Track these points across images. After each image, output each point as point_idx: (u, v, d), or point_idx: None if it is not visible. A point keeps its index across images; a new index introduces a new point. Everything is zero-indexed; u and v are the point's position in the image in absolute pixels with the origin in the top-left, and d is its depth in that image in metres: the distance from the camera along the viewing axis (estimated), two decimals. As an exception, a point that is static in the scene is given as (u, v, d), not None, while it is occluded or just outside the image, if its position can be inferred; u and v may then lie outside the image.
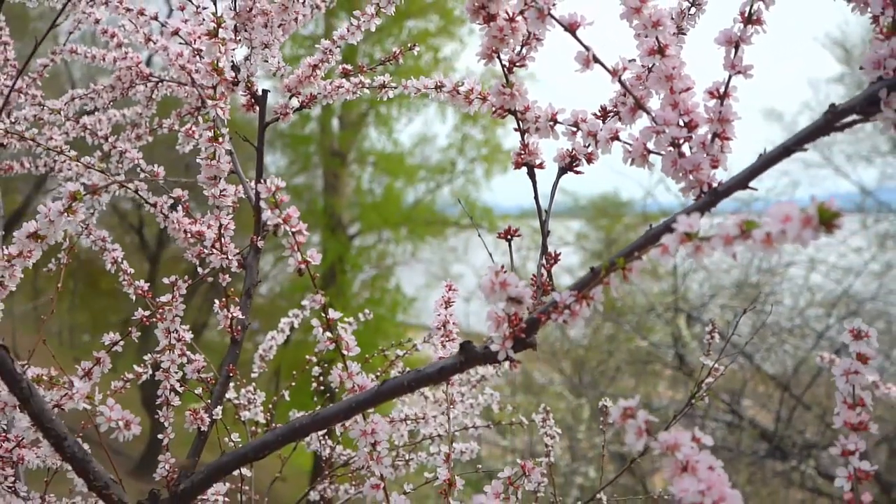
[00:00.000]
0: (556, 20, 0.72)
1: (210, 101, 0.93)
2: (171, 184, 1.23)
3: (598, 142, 0.78)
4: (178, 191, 1.23)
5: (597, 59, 0.72)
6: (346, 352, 0.81)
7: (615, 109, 0.79)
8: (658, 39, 0.72)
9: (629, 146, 0.75)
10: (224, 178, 1.02)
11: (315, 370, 1.61)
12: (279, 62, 1.12)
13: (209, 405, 1.11)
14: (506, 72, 0.81)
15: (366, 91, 1.19)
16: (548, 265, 0.81)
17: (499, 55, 0.80)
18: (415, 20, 10.57)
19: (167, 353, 1.12)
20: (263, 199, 0.75)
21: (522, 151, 0.83)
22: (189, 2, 1.18)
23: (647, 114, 0.73)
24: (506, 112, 0.83)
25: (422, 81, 1.06)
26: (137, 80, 1.39)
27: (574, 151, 0.83)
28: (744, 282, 7.22)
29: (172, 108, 1.59)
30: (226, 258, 1.09)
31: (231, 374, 1.16)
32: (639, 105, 0.73)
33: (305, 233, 0.76)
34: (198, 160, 0.99)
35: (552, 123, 0.81)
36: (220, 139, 0.95)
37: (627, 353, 7.39)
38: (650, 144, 0.73)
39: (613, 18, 0.77)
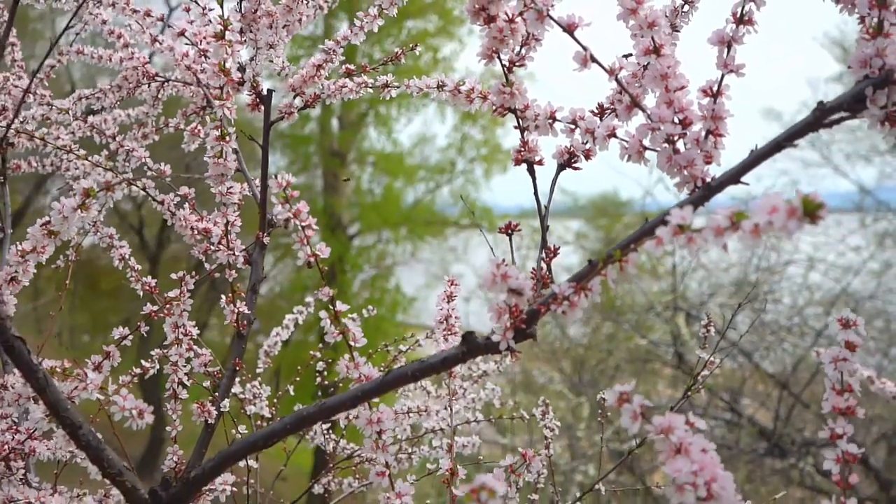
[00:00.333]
0: (555, 21, 0.75)
1: (217, 101, 0.96)
2: (178, 182, 1.26)
3: (596, 139, 0.80)
4: (185, 188, 1.25)
5: (594, 59, 0.74)
6: (354, 343, 0.83)
7: (612, 107, 0.82)
8: (653, 39, 0.74)
9: (626, 143, 0.77)
10: (230, 176, 1.04)
11: (319, 365, 1.63)
12: (284, 62, 1.15)
13: (216, 398, 1.13)
14: (506, 71, 0.83)
15: (369, 90, 1.22)
16: (547, 259, 0.83)
17: (499, 55, 0.83)
18: (414, 20, 10.60)
19: (175, 348, 1.14)
20: (274, 195, 0.78)
21: (522, 148, 0.85)
22: (195, 3, 1.21)
23: (643, 111, 0.75)
24: (506, 110, 0.85)
25: (424, 81, 1.08)
26: (144, 80, 1.42)
27: (572, 148, 0.85)
28: (743, 280, 7.24)
29: (176, 108, 1.61)
30: (232, 254, 1.12)
31: (237, 368, 1.19)
32: (635, 103, 0.75)
33: (315, 227, 0.78)
34: (205, 158, 1.02)
35: (551, 121, 0.83)
36: (227, 138, 0.98)
37: (627, 352, 7.42)
38: (646, 141, 0.75)
39: (611, 19, 0.80)
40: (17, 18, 1.60)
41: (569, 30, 0.75)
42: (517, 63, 0.83)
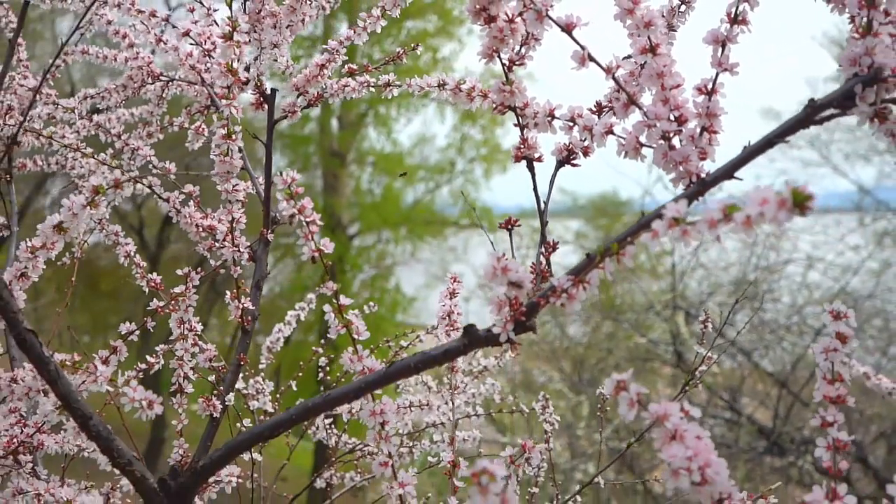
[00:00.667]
0: (554, 21, 0.77)
1: (224, 101, 0.98)
2: (183, 180, 1.28)
3: (594, 136, 0.82)
4: (189, 186, 1.27)
5: (591, 58, 0.76)
6: (357, 336, 0.85)
7: (609, 105, 0.84)
8: (650, 39, 0.76)
9: (623, 140, 0.79)
10: (236, 174, 1.06)
11: (321, 361, 1.65)
12: (288, 61, 1.17)
13: (221, 391, 1.15)
14: (506, 70, 0.85)
15: (371, 89, 1.24)
16: (546, 253, 0.85)
17: (499, 54, 0.85)
18: (413, 21, 10.62)
19: (181, 343, 1.16)
20: (279, 191, 0.80)
21: (522, 146, 0.87)
22: (200, 4, 1.23)
23: (640, 109, 0.77)
24: (506, 108, 0.87)
25: (425, 80, 1.10)
26: (148, 80, 1.44)
27: (571, 145, 0.87)
28: (742, 280, 7.26)
29: (178, 108, 1.63)
30: (237, 250, 1.13)
31: (242, 363, 1.21)
32: (631, 101, 0.77)
33: (319, 222, 0.80)
34: (211, 156, 1.04)
35: (550, 119, 0.85)
36: (233, 136, 0.99)
37: (626, 351, 7.44)
38: (643, 138, 0.77)
39: (609, 19, 0.82)
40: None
41: (567, 29, 0.76)
42: (517, 62, 0.85)
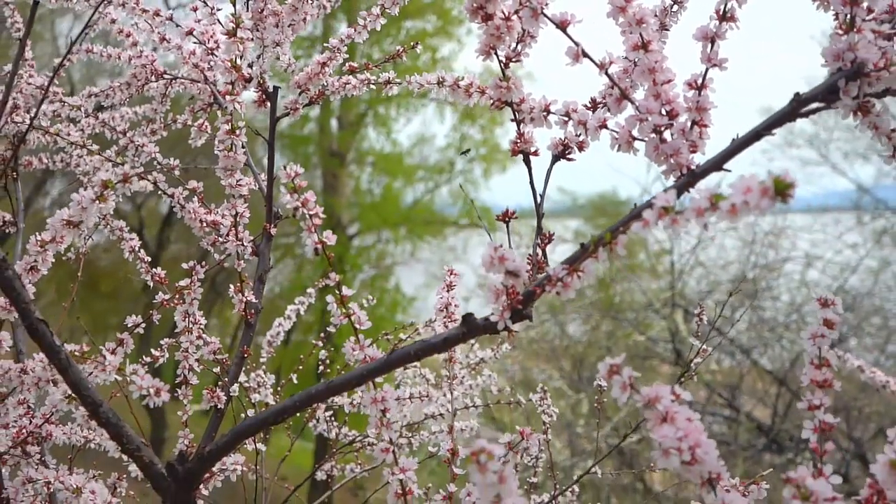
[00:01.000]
0: (549, 18, 0.79)
1: (228, 97, 1.00)
2: (186, 176, 1.30)
3: (588, 130, 0.85)
4: (193, 182, 1.30)
5: (585, 54, 0.79)
6: (359, 325, 0.88)
7: (604, 101, 0.86)
8: (641, 36, 0.78)
9: (616, 133, 0.82)
10: (240, 169, 1.09)
11: (322, 354, 1.68)
12: (290, 59, 1.19)
13: (226, 383, 1.18)
14: (502, 67, 0.88)
15: (371, 87, 1.26)
16: (542, 244, 0.87)
17: (496, 51, 0.87)
18: (412, 21, 10.64)
19: (185, 335, 1.19)
20: (283, 185, 0.82)
21: (518, 140, 0.90)
22: (203, 3, 1.25)
23: (632, 103, 0.80)
24: (503, 104, 0.89)
25: (424, 77, 1.13)
26: (152, 78, 1.46)
27: (566, 140, 0.90)
28: (741, 278, 7.29)
29: (179, 105, 1.66)
30: (241, 244, 1.16)
31: (245, 356, 1.23)
32: (624, 95, 0.80)
33: (322, 215, 0.83)
34: (216, 152, 1.06)
35: (545, 114, 0.88)
36: (237, 132, 1.02)
37: (626, 349, 7.46)
38: (635, 131, 0.80)
39: (604, 18, 0.84)
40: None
41: (561, 26, 0.79)
42: (513, 59, 0.87)
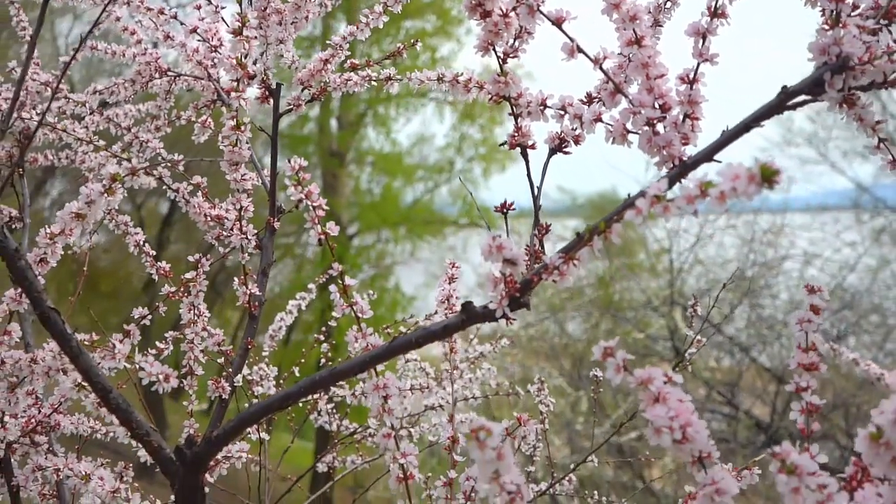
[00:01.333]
0: (545, 15, 0.82)
1: (233, 94, 1.03)
2: (191, 171, 1.33)
3: (584, 123, 0.87)
4: (197, 178, 1.32)
5: (580, 49, 0.81)
6: (361, 314, 0.90)
7: (598, 95, 0.89)
8: (635, 31, 0.81)
9: (611, 127, 0.84)
10: (244, 164, 1.11)
11: (323, 347, 1.71)
12: (294, 56, 1.21)
13: (230, 374, 1.20)
14: (500, 62, 0.90)
15: (373, 83, 1.29)
16: (539, 235, 0.90)
17: (494, 47, 0.89)
18: (412, 20, 10.67)
19: (191, 327, 1.21)
20: (287, 178, 0.85)
21: (516, 134, 0.92)
22: (208, 2, 1.27)
23: (626, 97, 0.82)
24: (501, 98, 0.92)
25: (424, 74, 1.15)
26: (156, 75, 1.48)
27: (563, 134, 0.92)
28: (739, 275, 7.31)
29: (178, 104, 1.68)
30: (245, 238, 1.18)
31: (249, 347, 1.25)
32: (618, 89, 0.82)
33: (325, 207, 0.85)
34: (220, 147, 1.09)
35: (542, 108, 0.90)
36: (242, 127, 1.04)
37: (625, 346, 7.48)
38: (629, 124, 0.82)
39: (599, 14, 0.87)
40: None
41: (557, 23, 0.81)
42: (510, 54, 0.90)
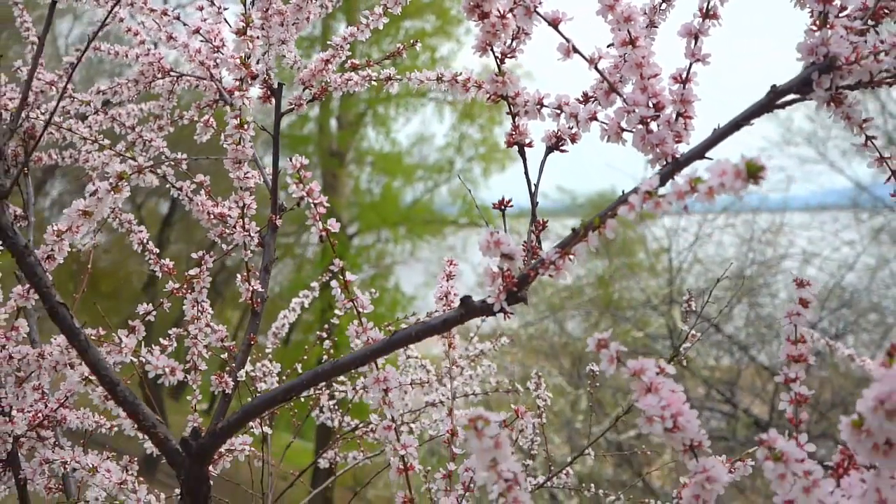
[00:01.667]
0: (541, 16, 0.84)
1: (237, 93, 1.05)
2: (195, 169, 1.35)
3: (579, 122, 0.89)
4: (201, 176, 1.34)
5: (576, 50, 0.83)
6: (362, 309, 0.92)
7: (594, 95, 0.91)
8: (629, 32, 0.83)
9: (605, 125, 0.86)
10: (247, 162, 1.13)
11: (326, 344, 1.73)
12: (296, 56, 1.23)
13: (233, 369, 1.22)
14: (498, 62, 0.92)
15: (373, 83, 1.31)
16: (536, 231, 0.92)
17: (492, 48, 0.91)
18: (411, 20, 10.69)
19: (195, 323, 1.23)
20: (289, 176, 0.87)
21: (513, 132, 0.94)
22: (211, 2, 1.29)
23: (620, 96, 0.84)
24: (499, 98, 0.94)
25: (424, 74, 1.17)
26: (159, 75, 1.50)
27: (559, 132, 0.94)
28: (739, 274, 7.34)
29: (181, 102, 1.70)
30: (248, 235, 1.20)
31: (252, 343, 1.27)
32: (612, 88, 0.84)
33: (326, 204, 0.87)
34: (224, 145, 1.11)
35: (539, 107, 0.92)
36: (246, 126, 1.06)
37: (624, 345, 7.51)
38: (623, 123, 0.84)
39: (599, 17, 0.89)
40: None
41: (553, 24, 0.83)
42: (508, 55, 0.92)
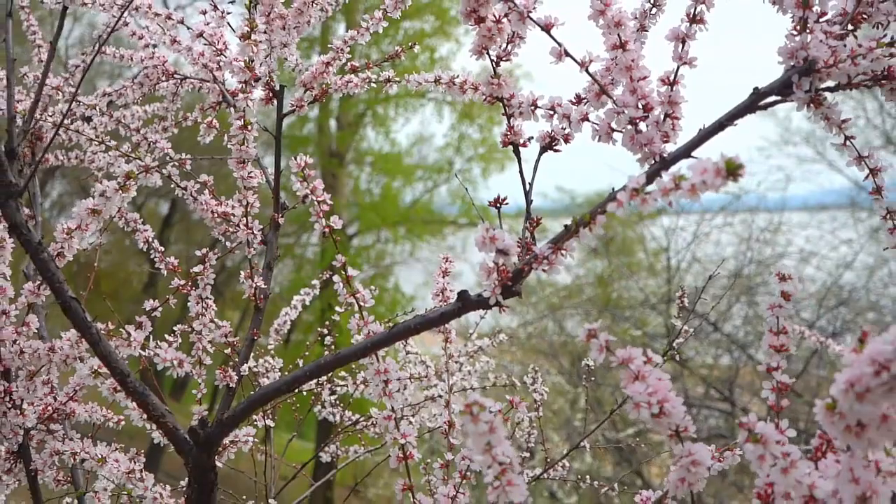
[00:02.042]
0: (534, 21, 0.87)
1: (241, 95, 1.08)
2: (199, 170, 1.38)
3: (572, 122, 0.93)
4: (205, 176, 1.38)
5: (567, 53, 0.87)
6: (363, 303, 0.96)
7: (586, 97, 0.94)
8: (619, 36, 0.86)
9: (597, 125, 0.90)
10: (251, 162, 1.17)
11: (327, 340, 1.76)
12: (297, 59, 1.27)
13: (237, 363, 1.25)
14: (494, 65, 0.96)
15: (372, 85, 1.34)
16: (531, 228, 0.95)
17: (488, 51, 0.95)
18: (411, 21, 10.72)
19: (199, 319, 1.26)
20: (294, 174, 0.90)
21: (509, 132, 0.98)
22: (214, 7, 1.33)
23: (610, 98, 0.88)
24: (495, 99, 0.97)
25: (422, 76, 1.21)
26: (163, 78, 1.54)
27: (553, 132, 0.98)
28: (737, 272, 7.37)
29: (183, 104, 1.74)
30: (251, 233, 1.24)
31: (255, 338, 1.31)
32: (602, 91, 0.88)
33: (329, 202, 0.91)
34: (228, 145, 1.14)
35: (533, 108, 0.96)
36: (249, 127, 1.10)
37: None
38: (613, 123, 0.88)
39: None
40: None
41: (546, 28, 0.87)
42: (503, 58, 0.95)
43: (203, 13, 1.44)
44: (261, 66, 1.28)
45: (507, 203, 0.99)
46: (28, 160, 1.61)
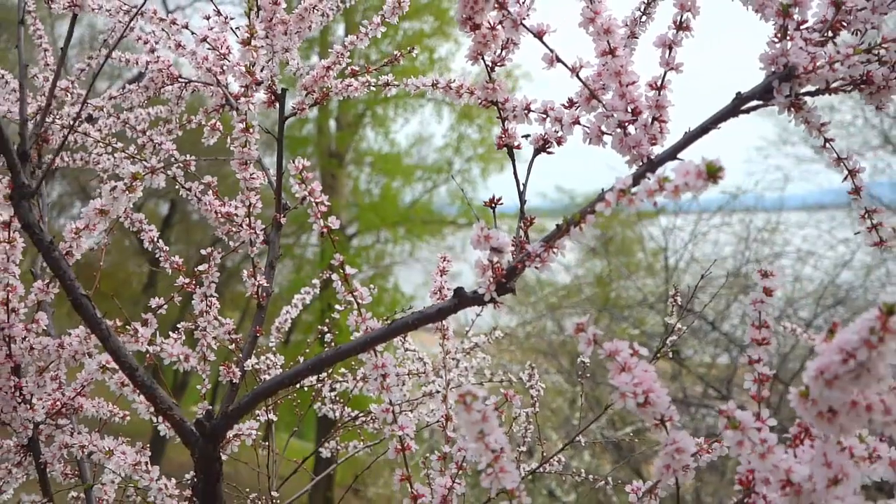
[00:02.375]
0: (527, 28, 0.91)
1: (243, 98, 1.11)
2: (203, 171, 1.42)
3: (563, 125, 0.96)
4: (209, 177, 1.41)
5: (559, 59, 0.90)
6: (361, 301, 0.99)
7: (578, 101, 0.98)
8: (609, 43, 0.90)
9: (587, 128, 0.93)
10: (253, 163, 1.20)
11: (327, 338, 1.79)
12: (299, 63, 1.30)
13: (240, 359, 1.29)
14: (489, 70, 0.99)
15: (372, 88, 1.38)
16: (525, 226, 0.99)
17: (483, 57, 0.98)
18: (410, 21, 10.75)
19: (203, 316, 1.30)
20: (292, 176, 0.93)
21: (503, 135, 1.01)
22: (217, 12, 1.36)
23: (600, 102, 0.91)
24: (489, 103, 1.01)
25: (420, 80, 1.24)
26: (168, 82, 1.57)
27: (546, 135, 1.01)
28: (736, 272, 7.41)
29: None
30: (254, 232, 1.27)
31: (258, 334, 1.34)
32: (592, 95, 0.91)
33: (327, 203, 0.94)
34: (230, 147, 1.18)
35: (526, 112, 0.99)
36: (251, 129, 1.13)
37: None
38: (603, 127, 0.91)
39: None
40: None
41: (538, 35, 0.90)
42: (498, 63, 0.99)
43: (207, 18, 1.47)
44: (262, 71, 1.31)
45: (503, 203, 1.03)
46: (35, 162, 1.65)
